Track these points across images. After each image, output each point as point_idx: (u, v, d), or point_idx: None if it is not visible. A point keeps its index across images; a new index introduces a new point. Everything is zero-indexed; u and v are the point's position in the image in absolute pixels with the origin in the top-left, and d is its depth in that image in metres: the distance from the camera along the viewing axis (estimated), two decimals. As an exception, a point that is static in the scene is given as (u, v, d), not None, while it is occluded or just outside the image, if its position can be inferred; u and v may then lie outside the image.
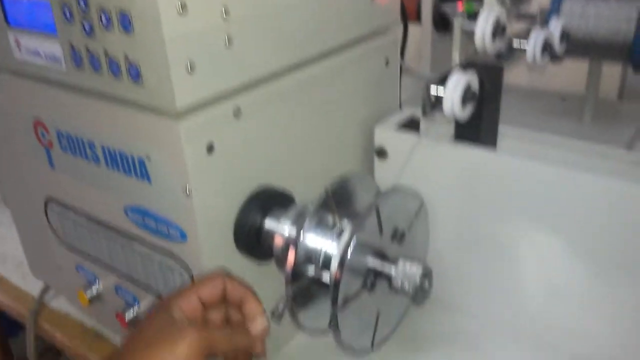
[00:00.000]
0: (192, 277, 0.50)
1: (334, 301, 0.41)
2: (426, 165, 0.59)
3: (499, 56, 0.66)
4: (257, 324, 0.42)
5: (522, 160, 0.54)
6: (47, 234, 0.64)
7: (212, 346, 0.38)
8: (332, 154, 0.61)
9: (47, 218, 0.62)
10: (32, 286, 0.74)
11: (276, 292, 0.46)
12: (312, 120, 0.56)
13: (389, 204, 0.45)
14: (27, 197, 0.65)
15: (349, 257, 0.41)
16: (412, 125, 0.66)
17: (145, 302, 0.57)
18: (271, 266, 0.52)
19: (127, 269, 0.56)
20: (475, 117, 0.57)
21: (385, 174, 0.63)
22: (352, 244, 0.41)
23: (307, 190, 0.57)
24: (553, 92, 1.08)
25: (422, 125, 0.66)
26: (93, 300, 0.61)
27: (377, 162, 0.64)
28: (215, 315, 0.43)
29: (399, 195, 0.46)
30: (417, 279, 0.43)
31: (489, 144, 0.60)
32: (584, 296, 0.55)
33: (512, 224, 0.56)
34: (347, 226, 0.44)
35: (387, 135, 0.62)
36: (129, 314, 0.58)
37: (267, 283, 0.55)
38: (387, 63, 0.64)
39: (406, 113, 0.66)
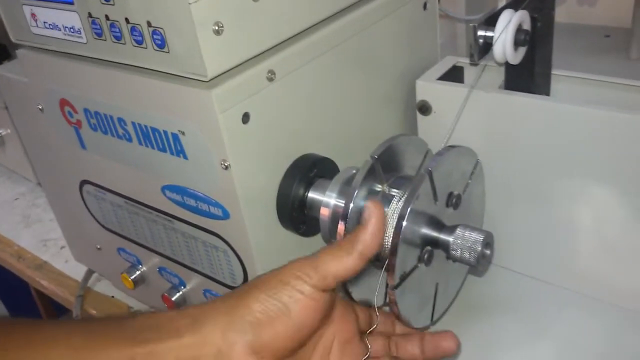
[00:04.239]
0: (237, 256, 0.47)
1: (390, 279, 0.38)
2: (474, 117, 0.55)
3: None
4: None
5: (584, 107, 0.49)
6: (85, 217, 0.62)
7: None
8: (373, 113, 0.57)
9: (84, 201, 0.61)
10: (75, 270, 0.74)
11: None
12: (349, 77, 0.52)
13: (443, 167, 0.41)
14: (61, 180, 0.63)
15: (402, 230, 0.38)
16: (455, 74, 0.61)
17: (192, 283, 0.55)
18: (318, 240, 0.49)
19: (170, 250, 0.54)
20: (527, 61, 0.52)
21: (429, 130, 0.59)
22: (406, 216, 0.38)
23: (350, 155, 0.53)
24: (593, 27, 1.01)
25: (467, 74, 0.62)
26: (137, 282, 0.60)
27: (421, 118, 0.59)
28: None
29: (453, 156, 0.42)
30: (479, 248, 0.39)
31: (542, 90, 0.56)
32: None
33: (568, 176, 0.52)
34: (399, 196, 0.40)
35: (429, 88, 0.58)
36: (176, 296, 0.56)
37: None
38: (425, 7, 0.59)
39: (447, 62, 0.61)
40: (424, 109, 0.59)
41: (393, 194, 0.42)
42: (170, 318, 0.35)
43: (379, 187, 0.43)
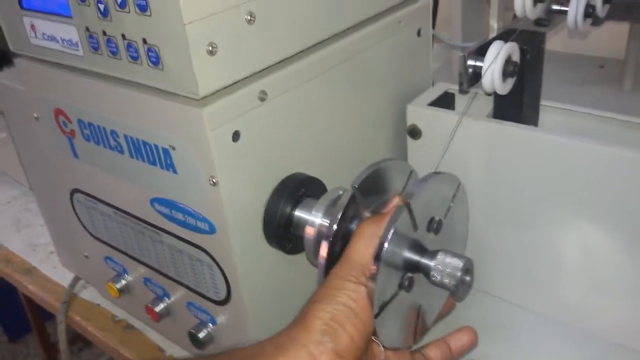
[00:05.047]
0: (221, 271, 0.48)
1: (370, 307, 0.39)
2: (462, 144, 0.56)
3: (539, 22, 0.61)
4: None
5: (570, 139, 0.50)
6: (74, 225, 0.62)
7: None
8: (363, 135, 0.58)
9: (74, 209, 0.61)
10: (63, 276, 0.74)
11: (307, 286, 0.44)
12: (341, 100, 0.53)
13: (421, 196, 0.41)
14: (52, 188, 0.63)
15: (381, 258, 0.38)
16: (445, 101, 0.62)
17: (176, 295, 0.55)
18: (303, 258, 0.50)
19: (156, 261, 0.54)
20: (516, 91, 0.53)
21: (419, 154, 0.60)
22: (383, 249, 0.38)
23: (339, 175, 0.54)
24: (588, 57, 1.03)
25: (458, 101, 0.63)
26: (123, 291, 0.60)
27: (410, 142, 0.60)
28: None
29: (433, 183, 0.42)
30: (458, 274, 0.40)
31: (530, 120, 0.57)
32: (630, 289, 0.51)
33: (554, 208, 0.53)
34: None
35: (420, 113, 0.59)
36: (159, 307, 0.56)
37: (298, 276, 0.53)
38: (419, 33, 0.60)
39: (439, 88, 0.63)
40: (414, 133, 0.60)
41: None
42: (257, 349, 0.38)
43: (362, 212, 0.43)
